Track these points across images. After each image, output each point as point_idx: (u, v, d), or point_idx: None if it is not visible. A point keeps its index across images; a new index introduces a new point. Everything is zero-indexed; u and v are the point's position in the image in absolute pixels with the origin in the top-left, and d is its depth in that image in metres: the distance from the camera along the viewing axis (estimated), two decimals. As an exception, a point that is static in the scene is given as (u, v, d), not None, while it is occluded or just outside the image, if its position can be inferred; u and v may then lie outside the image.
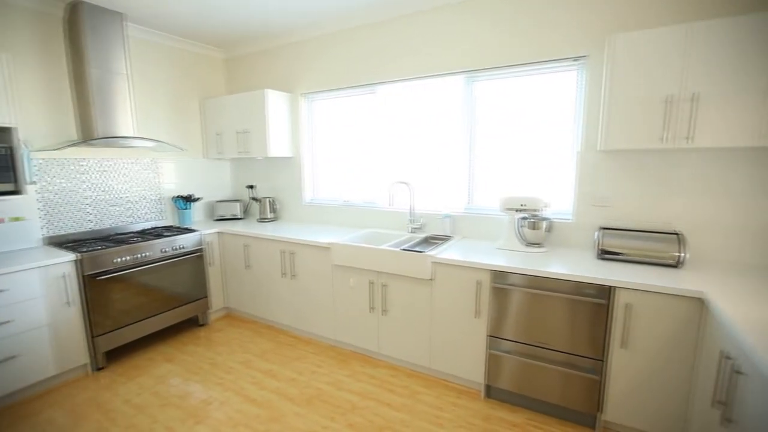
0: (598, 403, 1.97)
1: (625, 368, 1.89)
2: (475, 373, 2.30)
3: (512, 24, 2.50)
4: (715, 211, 2.11)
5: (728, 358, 1.38)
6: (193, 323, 3.38)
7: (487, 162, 2.76)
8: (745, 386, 1.26)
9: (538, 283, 2.03)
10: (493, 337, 2.20)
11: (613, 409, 1.94)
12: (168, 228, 3.35)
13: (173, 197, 3.55)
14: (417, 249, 2.54)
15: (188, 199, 3.57)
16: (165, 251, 2.95)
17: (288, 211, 3.80)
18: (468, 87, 2.74)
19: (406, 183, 2.96)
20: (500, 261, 2.17)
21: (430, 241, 2.85)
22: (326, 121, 3.49)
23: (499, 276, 2.13)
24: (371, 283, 2.60)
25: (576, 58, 2.37)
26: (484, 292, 2.19)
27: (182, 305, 3.11)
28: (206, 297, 3.31)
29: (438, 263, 2.31)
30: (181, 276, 3.07)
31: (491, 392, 2.31)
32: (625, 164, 2.28)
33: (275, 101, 3.38)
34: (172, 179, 3.59)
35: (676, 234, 2.04)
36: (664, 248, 2.01)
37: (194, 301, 3.21)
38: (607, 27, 2.25)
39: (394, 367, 2.66)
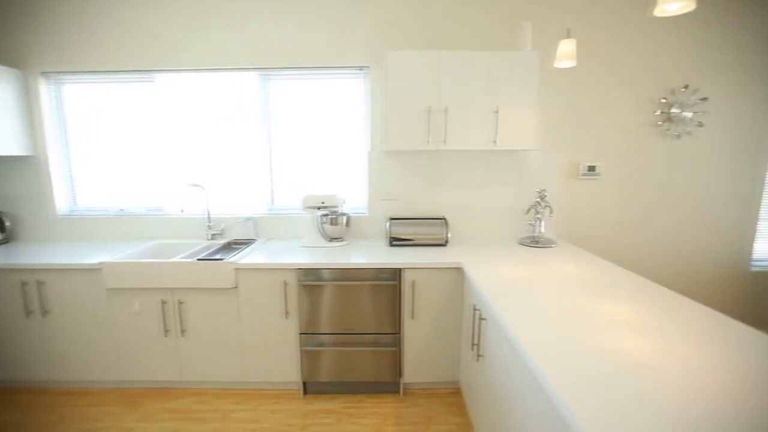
0: (399, 370, 2.27)
1: (415, 335, 2.24)
2: (291, 373, 2.29)
3: (309, 28, 2.57)
4: (467, 199, 2.74)
5: (476, 309, 1.81)
6: None
7: (288, 162, 2.77)
8: (487, 328, 1.68)
9: (342, 275, 2.17)
10: (305, 334, 2.24)
11: (410, 372, 2.28)
12: None
13: None
14: (217, 257, 2.32)
15: None
16: None
17: (30, 229, 2.83)
18: (264, 84, 2.67)
19: (199, 186, 2.65)
20: (305, 259, 2.22)
21: (233, 246, 2.66)
22: (89, 112, 2.75)
23: (304, 273, 2.17)
24: (163, 302, 2.22)
25: (360, 68, 2.63)
26: (292, 291, 2.19)
27: None
28: None
29: (241, 269, 2.17)
30: None
31: (309, 388, 2.35)
32: (404, 162, 2.69)
33: (-10, 78, 2.45)
34: None
35: (443, 218, 2.55)
36: (436, 231, 2.48)
37: None
38: (386, 44, 2.58)
39: (200, 392, 2.37)
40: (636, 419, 0.84)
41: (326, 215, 2.48)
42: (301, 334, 2.24)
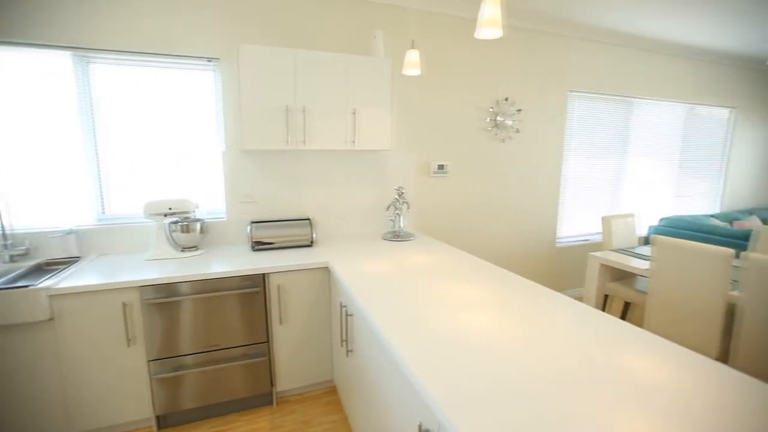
0: (271, 380, 2.17)
1: (286, 340, 2.17)
2: (141, 409, 1.96)
3: (144, 5, 2.20)
4: (332, 198, 2.77)
5: (344, 306, 1.85)
6: None
7: (125, 163, 2.35)
8: (354, 324, 1.73)
9: (200, 287, 1.95)
10: (157, 360, 1.94)
11: (283, 380, 2.20)
12: None
13: None
14: (21, 284, 1.82)
15: None
16: None
17: None
18: (82, 69, 2.20)
19: (-11, 194, 2.04)
20: (152, 274, 1.92)
21: (46, 268, 2.13)
22: None
23: (152, 291, 1.88)
24: (-67, 354, 1.64)
25: (209, 59, 2.40)
26: (135, 314, 1.88)
27: None
28: None
29: (59, 295, 1.76)
30: None
31: (167, 420, 2.05)
32: (264, 163, 2.57)
33: None
34: None
35: (308, 219, 2.52)
36: (301, 232, 2.44)
37: None
38: (240, 36, 2.40)
39: (6, 459, 1.84)
40: (478, 385, 0.97)
41: (176, 222, 2.19)
42: (150, 361, 1.93)
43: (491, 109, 3.17)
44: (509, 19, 3.08)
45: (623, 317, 3.15)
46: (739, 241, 3.27)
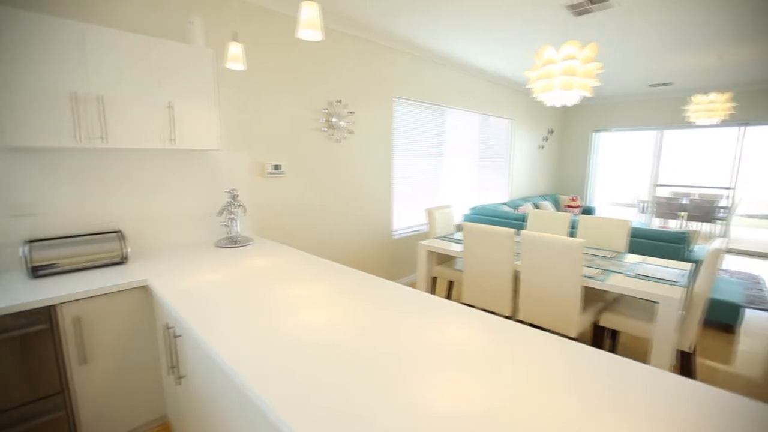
0: (72, 438, 1.73)
1: (92, 383, 1.76)
2: None
3: None
4: (152, 205, 2.37)
5: (169, 327, 1.62)
6: None
7: None
8: (183, 345, 1.53)
9: (-65, 340, 1.40)
10: None
11: (88, 427, 1.78)
12: None
13: None
14: None
15: None
16: None
17: None
18: None
19: None
20: None
21: None
22: None
23: None
24: None
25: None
26: None
27: None
28: None
29: None
30: None
31: None
32: (48, 164, 2.01)
33: None
34: None
35: (117, 231, 2.10)
36: (108, 248, 2.01)
37: None
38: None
39: None
40: (328, 392, 0.98)
41: None
42: None
43: (325, 110, 3.25)
44: (334, 24, 3.20)
45: (448, 294, 3.70)
46: (520, 222, 4.24)
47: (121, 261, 2.05)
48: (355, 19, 3.17)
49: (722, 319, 3.16)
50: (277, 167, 2.94)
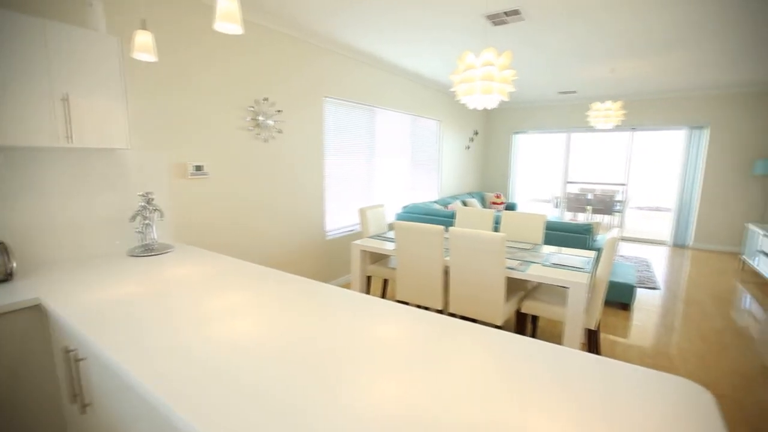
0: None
1: (-31, 425, 1.48)
2: None
3: None
4: (44, 212, 2.06)
5: (70, 351, 1.42)
6: None
7: None
8: (88, 369, 1.36)
9: None
10: None
11: (-31, 483, 1.50)
12: None
13: None
14: None
15: None
16: None
17: None
18: None
19: None
20: None
21: None
22: None
23: None
24: None
25: None
26: None
27: None
28: None
29: None
30: None
31: None
32: None
33: None
34: None
35: (0, 243, 1.79)
36: (-12, 263, 1.71)
37: None
38: None
39: None
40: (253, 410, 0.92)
41: None
42: None
43: (251, 109, 3.10)
44: (258, 19, 3.07)
45: (383, 293, 3.75)
46: (449, 219, 4.44)
47: (5, 278, 1.75)
48: (281, 15, 3.06)
49: (620, 298, 3.62)
50: (199, 168, 2.73)
